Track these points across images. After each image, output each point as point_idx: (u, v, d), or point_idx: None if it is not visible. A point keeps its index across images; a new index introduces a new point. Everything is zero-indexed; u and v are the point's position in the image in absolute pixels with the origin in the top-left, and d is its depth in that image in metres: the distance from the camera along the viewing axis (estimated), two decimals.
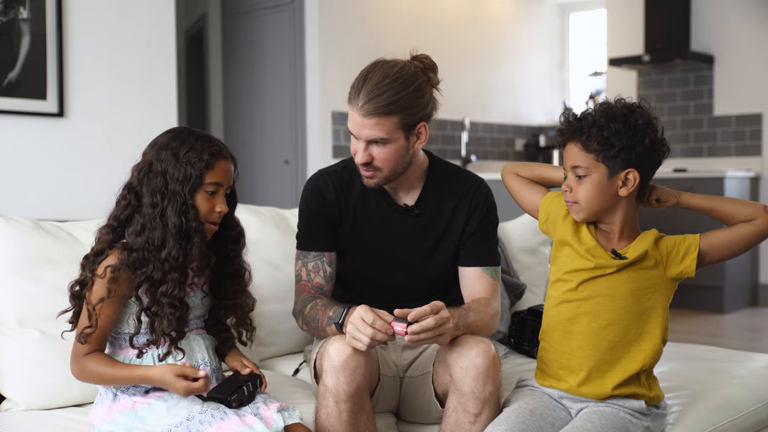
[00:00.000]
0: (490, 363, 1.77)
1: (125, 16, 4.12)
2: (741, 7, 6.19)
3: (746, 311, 5.95)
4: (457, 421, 1.79)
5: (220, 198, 1.73)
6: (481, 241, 2.06)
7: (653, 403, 1.82)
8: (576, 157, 1.73)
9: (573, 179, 1.75)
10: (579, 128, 1.72)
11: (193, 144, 1.70)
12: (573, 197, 1.75)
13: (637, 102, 1.76)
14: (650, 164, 1.75)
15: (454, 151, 6.57)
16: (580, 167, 1.73)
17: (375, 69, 1.91)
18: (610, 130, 1.69)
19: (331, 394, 1.75)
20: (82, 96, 3.96)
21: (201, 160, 1.69)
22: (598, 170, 1.72)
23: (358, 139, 1.92)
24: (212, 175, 1.70)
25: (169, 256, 1.66)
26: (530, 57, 7.40)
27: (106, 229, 1.72)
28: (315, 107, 5.70)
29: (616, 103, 1.74)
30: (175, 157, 1.69)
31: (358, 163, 1.94)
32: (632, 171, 1.71)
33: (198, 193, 1.70)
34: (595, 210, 1.75)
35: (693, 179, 5.90)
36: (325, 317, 1.87)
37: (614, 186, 1.72)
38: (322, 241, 2.04)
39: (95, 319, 1.66)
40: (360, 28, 5.88)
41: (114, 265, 1.66)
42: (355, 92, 1.89)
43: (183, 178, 1.68)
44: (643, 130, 1.70)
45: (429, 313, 1.72)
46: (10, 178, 3.75)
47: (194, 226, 1.68)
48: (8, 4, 3.68)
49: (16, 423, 1.83)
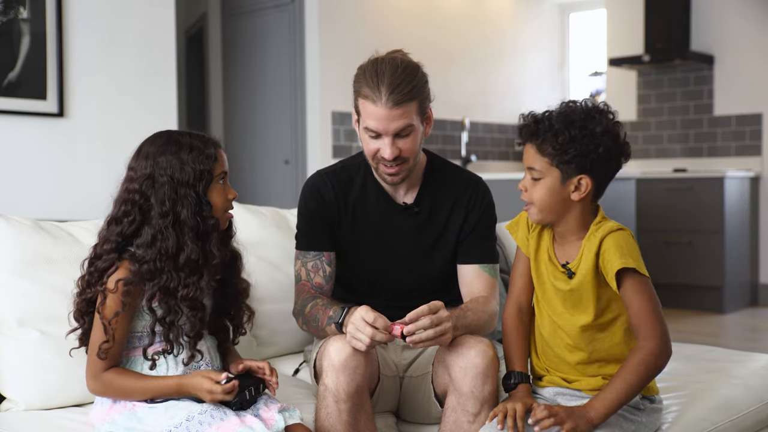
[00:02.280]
0: (489, 363, 1.77)
1: (125, 16, 4.12)
2: (741, 7, 6.20)
3: (746, 311, 5.95)
4: (456, 420, 1.79)
5: (228, 185, 1.75)
6: (479, 238, 2.06)
7: (648, 394, 1.82)
8: (532, 159, 1.74)
9: (528, 180, 1.76)
10: (535, 131, 1.72)
11: (190, 142, 1.70)
12: (528, 197, 1.76)
13: (600, 106, 1.74)
14: (605, 170, 1.74)
15: (454, 151, 6.57)
16: (534, 170, 1.74)
17: (381, 64, 1.92)
18: (565, 136, 1.68)
19: (331, 393, 1.76)
20: (82, 96, 3.96)
21: (206, 155, 1.69)
22: (551, 174, 1.72)
23: (385, 135, 1.91)
24: (219, 165, 1.72)
25: (189, 260, 1.65)
26: (530, 57, 7.40)
27: (109, 245, 1.69)
28: (315, 107, 5.70)
29: (578, 105, 1.73)
30: (179, 160, 1.68)
31: (388, 158, 1.93)
32: (584, 177, 1.71)
33: (211, 187, 1.71)
34: (548, 211, 1.75)
35: (693, 179, 5.91)
36: (325, 317, 1.88)
37: (567, 190, 1.72)
38: (321, 241, 2.04)
39: (111, 334, 1.65)
40: (360, 28, 5.88)
41: (126, 278, 1.65)
42: (374, 89, 1.89)
43: (194, 179, 1.67)
44: (600, 138, 1.69)
45: (427, 313, 1.72)
46: (10, 178, 3.75)
47: (212, 223, 1.68)
48: (8, 4, 3.68)
49: (16, 423, 1.83)
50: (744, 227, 6.06)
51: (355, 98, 1.96)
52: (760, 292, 6.19)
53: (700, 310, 5.87)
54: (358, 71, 1.96)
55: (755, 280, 6.19)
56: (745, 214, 6.08)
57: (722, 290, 5.83)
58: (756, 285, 6.20)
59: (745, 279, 6.08)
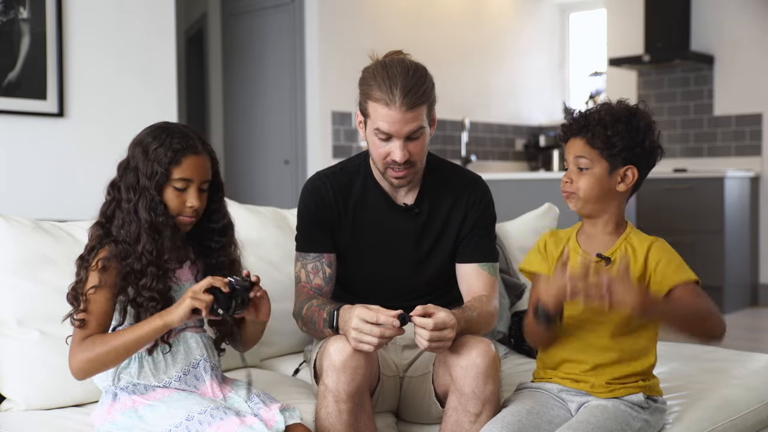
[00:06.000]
0: (490, 363, 1.77)
1: (125, 16, 4.12)
2: (741, 7, 6.19)
3: (746, 311, 5.95)
4: (457, 420, 1.79)
5: (190, 193, 1.72)
6: (478, 237, 2.07)
7: (652, 395, 1.85)
8: (580, 150, 1.82)
9: (574, 171, 1.83)
10: (585, 125, 1.82)
11: (164, 140, 1.71)
12: (573, 188, 1.83)
13: (637, 104, 1.85)
14: (647, 164, 1.84)
15: (454, 151, 6.57)
16: (584, 158, 1.81)
17: (391, 67, 1.91)
18: (614, 129, 1.79)
19: (331, 393, 1.76)
20: (82, 96, 3.96)
21: (166, 156, 1.70)
22: (600, 165, 1.81)
23: (397, 138, 1.91)
24: (179, 170, 1.71)
25: (144, 250, 1.68)
26: (530, 57, 7.40)
27: (96, 227, 1.75)
28: (315, 107, 5.70)
29: (618, 105, 1.84)
30: (145, 153, 1.71)
31: (400, 161, 1.92)
32: (632, 168, 1.81)
33: (166, 188, 1.71)
34: (591, 201, 1.83)
35: (693, 179, 5.91)
36: (320, 319, 1.88)
37: (613, 181, 1.82)
38: (320, 243, 2.04)
39: (86, 304, 1.66)
40: (360, 28, 5.88)
41: (104, 257, 1.69)
42: (387, 93, 1.88)
43: (150, 174, 1.70)
44: (644, 132, 1.81)
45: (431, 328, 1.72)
46: (10, 178, 3.75)
47: (162, 221, 1.69)
48: (8, 4, 3.68)
49: (16, 423, 1.83)
50: (744, 227, 6.06)
51: (363, 101, 1.95)
52: (760, 292, 6.19)
53: None
54: (366, 74, 1.94)
55: (755, 280, 6.19)
56: (745, 214, 6.08)
57: (722, 290, 5.82)
58: (756, 285, 6.20)
59: (745, 279, 6.08)
